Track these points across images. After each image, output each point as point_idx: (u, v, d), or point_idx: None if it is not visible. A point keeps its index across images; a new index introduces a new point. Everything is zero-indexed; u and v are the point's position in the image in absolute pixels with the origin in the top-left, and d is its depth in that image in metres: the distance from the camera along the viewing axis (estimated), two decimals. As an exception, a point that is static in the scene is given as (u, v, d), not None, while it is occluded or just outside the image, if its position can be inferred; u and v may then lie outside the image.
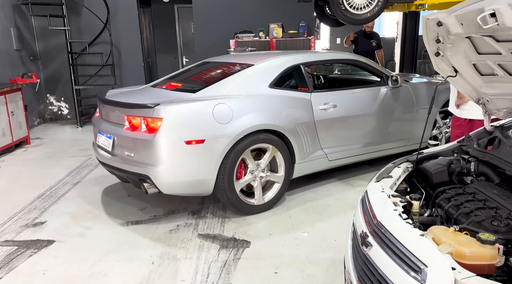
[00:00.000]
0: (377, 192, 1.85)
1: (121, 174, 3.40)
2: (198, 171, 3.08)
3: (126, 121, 3.21)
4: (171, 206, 3.71)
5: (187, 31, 8.81)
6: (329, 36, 9.81)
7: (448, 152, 2.22)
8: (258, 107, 3.33)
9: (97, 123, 3.67)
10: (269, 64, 3.67)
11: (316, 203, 3.67)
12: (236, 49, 6.85)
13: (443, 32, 1.88)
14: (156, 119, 2.99)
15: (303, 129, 3.54)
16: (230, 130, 3.11)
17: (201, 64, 4.37)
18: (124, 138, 3.18)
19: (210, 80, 3.65)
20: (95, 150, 3.69)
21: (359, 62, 4.16)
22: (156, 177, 3.02)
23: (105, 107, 3.52)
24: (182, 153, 3.01)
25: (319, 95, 3.72)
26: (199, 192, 3.23)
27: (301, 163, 3.62)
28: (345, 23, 4.74)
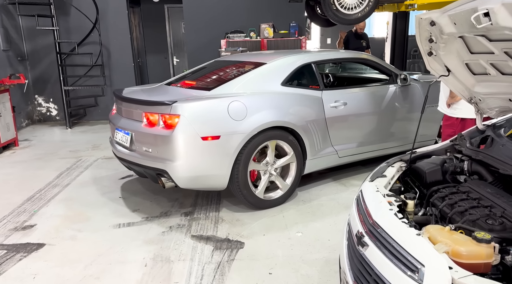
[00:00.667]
0: (372, 192, 1.85)
1: (138, 169, 3.47)
2: (214, 166, 3.17)
3: (144, 118, 3.30)
4: (163, 207, 3.67)
5: (177, 31, 8.77)
6: (319, 36, 9.83)
7: (441, 151, 2.23)
8: (271, 105, 3.42)
9: (114, 120, 3.75)
10: (281, 62, 3.75)
11: (309, 203, 3.67)
12: (227, 49, 6.84)
13: (436, 32, 1.89)
14: (174, 116, 3.08)
15: (314, 126, 3.63)
16: (245, 127, 3.21)
17: (213, 64, 4.48)
18: (142, 134, 3.28)
19: (223, 79, 3.74)
20: (112, 145, 3.77)
21: (370, 60, 4.24)
22: (173, 171, 3.12)
23: (123, 105, 3.61)
24: (198, 148, 3.11)
25: (330, 93, 3.80)
26: (213, 187, 3.33)
27: (312, 159, 3.70)
28: (336, 23, 4.75)
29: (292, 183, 3.61)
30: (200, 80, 4.04)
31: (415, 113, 4.27)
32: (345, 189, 3.96)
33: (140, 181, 4.37)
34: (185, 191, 4.02)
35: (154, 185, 4.23)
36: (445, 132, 3.44)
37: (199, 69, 4.46)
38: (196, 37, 7.39)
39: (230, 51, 6.91)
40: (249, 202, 3.43)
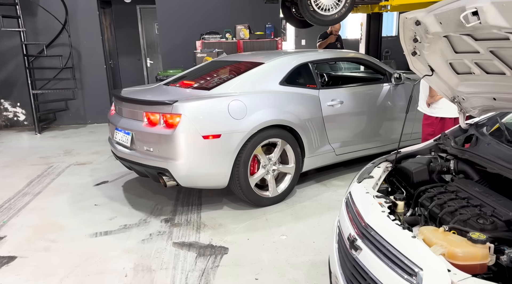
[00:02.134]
0: (361, 193, 1.82)
1: (139, 168, 3.47)
2: (215, 164, 3.22)
3: (144, 117, 3.32)
4: (142, 214, 3.55)
5: (150, 32, 8.58)
6: (294, 38, 9.86)
7: (425, 150, 2.24)
8: (270, 104, 3.48)
9: (114, 120, 3.75)
10: (279, 62, 3.82)
11: (292, 205, 3.63)
12: (203, 50, 6.74)
13: (421, 31, 1.89)
14: (175, 115, 3.11)
15: (312, 125, 3.69)
16: (245, 125, 3.25)
17: (210, 64, 4.55)
18: (143, 134, 3.31)
19: (222, 78, 3.79)
20: (112, 145, 3.77)
21: (364, 60, 4.33)
22: (175, 170, 3.15)
23: (123, 105, 3.62)
24: (199, 147, 3.14)
25: (327, 92, 3.87)
26: (215, 185, 3.37)
27: (310, 157, 3.76)
28: (313, 24, 4.75)
29: (284, 190, 3.67)
30: (198, 80, 4.07)
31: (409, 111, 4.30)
32: (326, 190, 3.95)
33: (116, 186, 4.22)
34: (165, 196, 3.91)
35: (131, 190, 4.10)
36: (424, 132, 3.49)
37: (196, 70, 4.50)
38: (170, 38, 7.25)
39: (205, 53, 6.82)
40: (248, 199, 3.47)
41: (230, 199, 3.80)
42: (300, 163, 3.72)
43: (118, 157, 3.72)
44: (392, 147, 4.38)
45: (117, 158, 3.77)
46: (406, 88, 4.41)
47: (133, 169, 3.66)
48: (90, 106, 7.54)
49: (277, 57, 3.90)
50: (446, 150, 2.12)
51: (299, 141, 3.64)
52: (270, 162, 3.54)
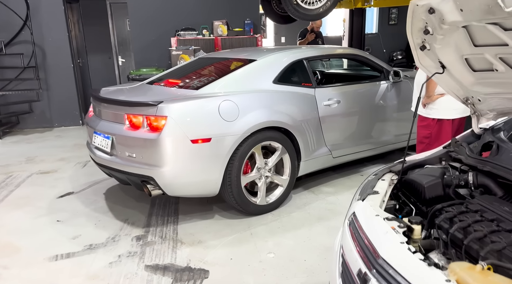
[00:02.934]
0: (369, 216, 1.51)
1: (121, 176, 3.20)
2: (205, 170, 2.97)
3: (126, 120, 3.04)
4: (110, 231, 3.16)
5: (122, 28, 8.09)
6: (273, 34, 9.56)
7: (434, 159, 1.95)
8: (264, 104, 3.24)
9: (92, 123, 3.46)
10: (272, 59, 3.57)
11: (278, 216, 3.31)
12: (179, 48, 6.35)
13: (434, 21, 1.59)
14: (160, 118, 2.84)
15: (308, 126, 3.47)
16: (237, 128, 3.01)
17: (197, 61, 4.26)
18: (125, 138, 3.03)
19: (211, 77, 3.55)
20: (91, 150, 3.47)
21: (361, 56, 4.12)
22: (161, 178, 2.89)
23: (102, 106, 3.33)
24: (188, 152, 2.88)
25: (323, 91, 3.65)
26: (204, 193, 3.11)
27: (307, 161, 3.54)
28: (296, 19, 4.45)
29: (289, 179, 3.42)
30: (185, 78, 3.78)
31: (408, 111, 4.10)
32: (315, 198, 3.65)
33: (82, 198, 3.81)
34: (137, 209, 3.52)
35: (99, 202, 3.69)
36: (420, 134, 3.23)
37: (183, 68, 4.23)
38: (143, 35, 6.80)
39: (181, 50, 6.43)
40: (241, 207, 3.21)
41: (209, 209, 3.45)
42: (294, 175, 3.48)
43: (97, 163, 3.42)
44: (391, 147, 4.28)
45: (96, 164, 3.46)
46: (404, 86, 4.20)
47: (114, 176, 3.36)
48: (57, 108, 7.02)
49: (270, 53, 3.65)
50: (459, 159, 1.83)
51: (294, 144, 3.40)
52: (266, 166, 3.28)
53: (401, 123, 4.21)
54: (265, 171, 3.29)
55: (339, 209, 3.41)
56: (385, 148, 4.23)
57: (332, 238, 2.96)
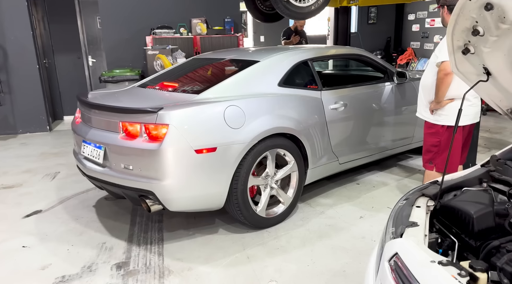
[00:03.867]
0: (423, 263, 1.22)
1: (115, 190, 2.92)
2: (210, 183, 2.74)
3: (121, 128, 2.77)
4: (86, 258, 2.76)
5: (92, 26, 7.55)
6: (253, 34, 9.23)
7: (473, 180, 1.69)
8: (271, 109, 3.02)
9: (80, 131, 3.15)
10: (276, 60, 3.35)
11: (276, 235, 3.00)
12: (155, 47, 5.94)
13: (490, 20, 1.32)
14: (161, 126, 2.58)
15: (316, 132, 3.28)
16: (244, 135, 2.78)
17: (191, 62, 3.99)
18: (120, 149, 2.75)
19: (211, 80, 3.34)
20: (79, 161, 3.15)
21: (366, 57, 3.94)
22: (162, 192, 2.64)
23: (92, 112, 3.02)
24: (191, 164, 2.63)
25: (329, 94, 3.45)
26: (209, 207, 2.88)
27: (314, 168, 3.35)
28: (287, 17, 4.15)
29: (294, 195, 3.22)
30: (182, 81, 3.51)
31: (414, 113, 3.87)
32: (313, 211, 3.36)
33: (52, 217, 3.37)
34: (116, 229, 3.13)
35: (71, 222, 3.27)
36: (427, 142, 2.99)
37: (177, 69, 3.94)
38: (115, 33, 6.33)
39: (157, 50, 6.02)
40: (249, 222, 3.00)
41: (197, 226, 3.10)
42: (303, 176, 3.28)
43: (86, 175, 3.09)
44: (398, 150, 4.16)
45: (86, 176, 3.13)
46: (408, 87, 4.05)
47: (106, 189, 3.07)
48: (21, 113, 6.44)
49: (272, 54, 3.41)
50: (505, 181, 1.58)
51: (302, 150, 3.20)
52: (275, 176, 3.08)
53: (407, 126, 4.09)
54: (272, 181, 3.07)
55: (340, 224, 3.14)
56: (391, 151, 4.10)
57: (338, 261, 2.68)
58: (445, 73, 2.68)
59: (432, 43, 8.59)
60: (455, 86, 2.73)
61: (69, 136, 6.21)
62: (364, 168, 4.21)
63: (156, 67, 6.05)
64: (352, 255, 2.70)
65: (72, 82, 7.52)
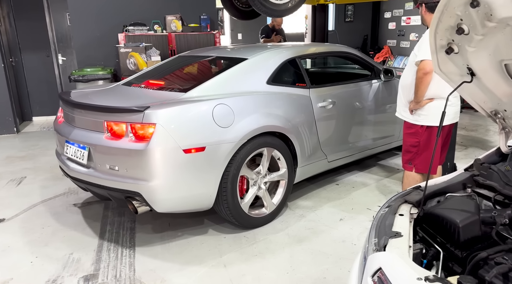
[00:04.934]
0: (409, 281, 1.12)
1: (100, 191, 2.85)
2: (198, 183, 2.69)
3: (106, 128, 2.70)
4: (51, 271, 2.58)
5: (61, 23, 7.23)
6: (229, 31, 9.08)
7: (457, 185, 1.62)
8: (260, 107, 2.98)
9: (62, 131, 3.07)
10: (264, 57, 3.30)
11: (254, 240, 2.89)
12: (127, 45, 5.71)
13: (476, 17, 1.24)
14: (147, 125, 2.53)
15: (305, 130, 3.26)
16: (233, 134, 2.74)
17: (177, 60, 3.90)
18: (105, 149, 2.69)
19: (198, 77, 3.30)
20: (62, 162, 3.08)
21: (353, 54, 3.94)
22: (149, 193, 2.58)
23: (76, 112, 2.94)
24: (180, 164, 2.58)
25: (317, 91, 3.43)
26: (197, 207, 2.84)
27: (303, 167, 3.33)
28: (264, 14, 4.03)
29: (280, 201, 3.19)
30: (168, 79, 3.46)
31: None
32: (292, 215, 3.27)
33: (16, 227, 3.16)
34: (84, 239, 2.95)
35: (36, 231, 3.07)
36: (407, 142, 2.93)
37: (162, 66, 3.85)
38: (85, 30, 6.07)
39: (130, 48, 5.79)
40: (238, 221, 2.96)
41: (172, 235, 2.96)
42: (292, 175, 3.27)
43: (70, 176, 3.02)
44: (385, 147, 4.18)
45: (69, 177, 3.06)
46: (395, 84, 4.01)
47: (91, 191, 3.01)
48: (-15, 114, 6.11)
49: (260, 51, 3.37)
50: (492, 187, 1.51)
51: (290, 148, 3.18)
52: (265, 178, 3.05)
53: (395, 123, 4.07)
54: (261, 180, 3.04)
55: (320, 227, 3.06)
56: (379, 148, 4.12)
57: (318, 267, 2.58)
58: (424, 73, 2.62)
59: (408, 41, 8.64)
60: (435, 85, 2.68)
61: (38, 139, 5.93)
62: (344, 168, 4.15)
63: (129, 65, 5.84)
64: (333, 260, 2.62)
65: (41, 81, 7.20)
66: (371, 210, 3.30)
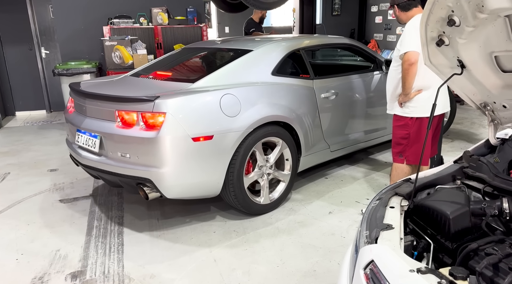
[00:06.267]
0: (401, 273, 1.13)
1: (111, 178, 2.92)
2: (206, 170, 2.78)
3: (117, 117, 2.78)
4: (37, 268, 2.53)
5: (44, 16, 7.06)
6: (217, 24, 8.99)
7: (446, 177, 1.63)
8: (265, 97, 3.06)
9: (74, 120, 3.15)
10: (269, 49, 3.37)
11: (244, 234, 2.88)
12: (113, 38, 5.62)
13: (467, 9, 1.23)
14: (158, 114, 2.61)
15: (309, 120, 3.35)
16: (240, 123, 2.83)
17: (183, 51, 4.00)
18: (117, 137, 2.77)
19: (205, 69, 3.42)
20: (73, 150, 3.15)
21: (356, 46, 4.02)
22: (160, 179, 2.67)
23: (87, 102, 3.02)
24: (189, 151, 2.67)
25: (321, 82, 3.52)
26: (205, 194, 2.93)
27: (306, 156, 3.42)
28: (252, 7, 4.00)
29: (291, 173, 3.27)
30: (176, 70, 3.57)
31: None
32: (281, 208, 3.27)
33: None
34: (71, 235, 2.90)
35: (21, 228, 3.01)
36: (396, 135, 2.94)
37: (169, 58, 3.93)
38: (69, 23, 5.94)
39: (116, 41, 5.70)
40: (243, 208, 3.04)
41: (161, 230, 2.93)
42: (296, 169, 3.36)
43: (82, 164, 3.10)
44: (386, 138, 4.18)
45: (80, 165, 3.15)
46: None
47: (102, 178, 3.07)
48: (-34, 109, 5.95)
49: (265, 43, 3.45)
50: (479, 178, 1.52)
51: (295, 138, 3.27)
52: (268, 163, 3.12)
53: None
54: (267, 169, 3.12)
55: (309, 220, 3.06)
56: (380, 139, 4.19)
57: (308, 260, 2.58)
58: (409, 64, 2.65)
59: (394, 35, 8.68)
60: (421, 76, 2.70)
61: (21, 134, 5.81)
62: (334, 162, 4.16)
63: (114, 59, 5.74)
64: (322, 253, 2.63)
65: (24, 75, 7.04)
66: (360, 203, 3.32)
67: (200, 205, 3.34)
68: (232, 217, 3.13)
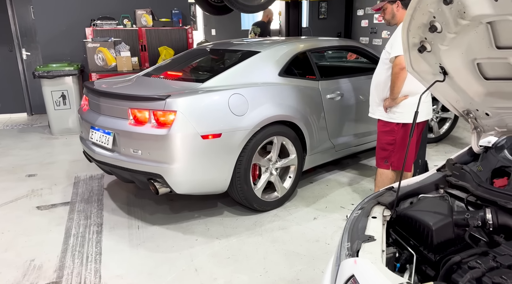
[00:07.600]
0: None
1: (124, 174, 3.04)
2: (215, 167, 2.89)
3: (130, 115, 2.89)
4: (9, 279, 2.42)
5: (24, 16, 6.90)
6: (203, 27, 8.91)
7: (429, 186, 1.59)
8: (272, 97, 3.16)
9: (88, 117, 3.25)
10: (276, 50, 3.47)
11: (226, 242, 2.82)
12: (95, 39, 5.52)
13: (449, 15, 1.20)
14: (169, 112, 2.73)
15: (314, 120, 3.44)
16: (247, 122, 2.93)
17: (192, 52, 4.17)
18: (129, 134, 2.88)
19: (214, 69, 3.52)
20: (87, 146, 3.27)
21: (361, 48, 4.11)
22: (170, 175, 2.78)
23: (101, 100, 3.12)
24: (198, 149, 2.78)
25: (326, 83, 3.61)
26: (213, 190, 3.03)
27: (311, 155, 3.53)
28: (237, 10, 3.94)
29: (291, 185, 3.39)
30: (186, 71, 3.73)
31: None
32: (265, 214, 3.21)
33: (-29, 235, 2.96)
34: (46, 243, 2.80)
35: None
36: (382, 141, 2.91)
37: (179, 59, 4.07)
38: (50, 24, 5.81)
39: (99, 42, 5.60)
40: (250, 204, 3.16)
41: (141, 238, 2.85)
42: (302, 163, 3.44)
43: (95, 160, 3.20)
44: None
45: (94, 161, 3.26)
46: None
47: (115, 173, 3.19)
48: None
49: (272, 45, 3.55)
50: (464, 187, 1.49)
51: (301, 138, 3.36)
52: (276, 163, 3.25)
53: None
54: (273, 167, 3.22)
55: (294, 227, 3.01)
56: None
57: (292, 268, 2.51)
58: (400, 68, 2.60)
59: (380, 39, 8.73)
60: (409, 81, 2.66)
61: (0, 137, 5.65)
62: (322, 167, 4.13)
63: (97, 61, 5.63)
64: (306, 261, 2.58)
65: (4, 77, 6.86)
66: (345, 208, 3.29)
67: (183, 212, 3.27)
68: (215, 225, 3.06)
